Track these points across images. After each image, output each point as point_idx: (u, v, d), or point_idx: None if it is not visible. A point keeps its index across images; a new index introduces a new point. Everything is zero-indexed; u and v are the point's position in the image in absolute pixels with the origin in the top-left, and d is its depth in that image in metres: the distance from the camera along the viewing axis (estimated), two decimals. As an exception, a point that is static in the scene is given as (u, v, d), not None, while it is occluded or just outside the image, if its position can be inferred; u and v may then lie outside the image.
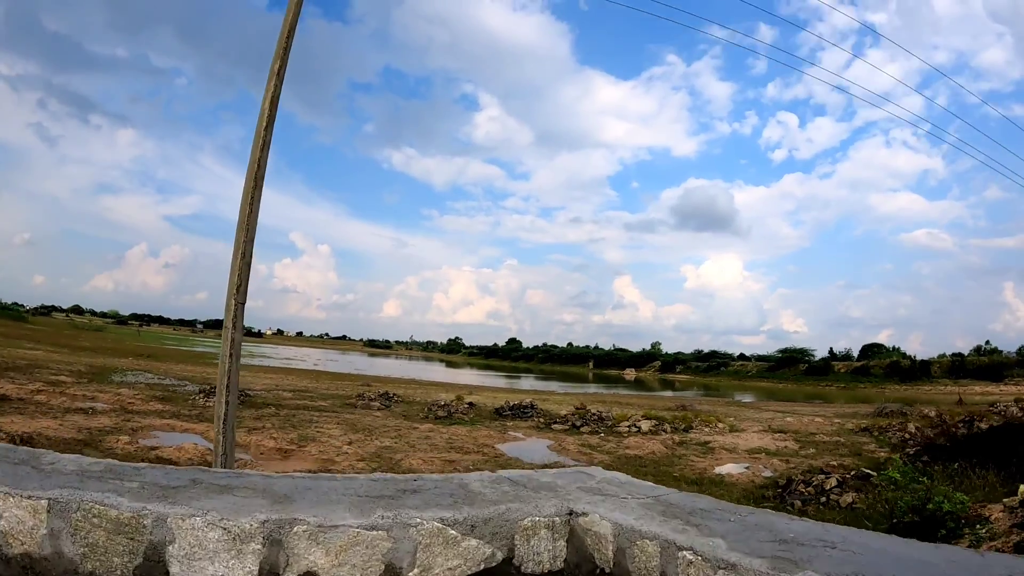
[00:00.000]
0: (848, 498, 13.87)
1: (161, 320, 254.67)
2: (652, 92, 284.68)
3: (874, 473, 15.51)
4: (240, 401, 26.94)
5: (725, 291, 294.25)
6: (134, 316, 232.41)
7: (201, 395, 27.76)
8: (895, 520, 10.89)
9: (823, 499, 14.25)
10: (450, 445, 20.98)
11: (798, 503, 14.12)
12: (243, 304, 5.18)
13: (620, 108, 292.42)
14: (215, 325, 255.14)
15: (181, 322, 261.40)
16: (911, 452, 18.50)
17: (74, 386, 25.54)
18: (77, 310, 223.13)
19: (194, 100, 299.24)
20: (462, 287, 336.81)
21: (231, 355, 5.06)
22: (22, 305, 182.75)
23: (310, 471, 15.62)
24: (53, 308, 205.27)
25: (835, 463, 17.67)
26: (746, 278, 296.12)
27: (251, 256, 5.45)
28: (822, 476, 15.35)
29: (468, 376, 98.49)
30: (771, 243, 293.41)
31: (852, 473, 15.45)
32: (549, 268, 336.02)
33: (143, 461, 8.30)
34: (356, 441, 20.00)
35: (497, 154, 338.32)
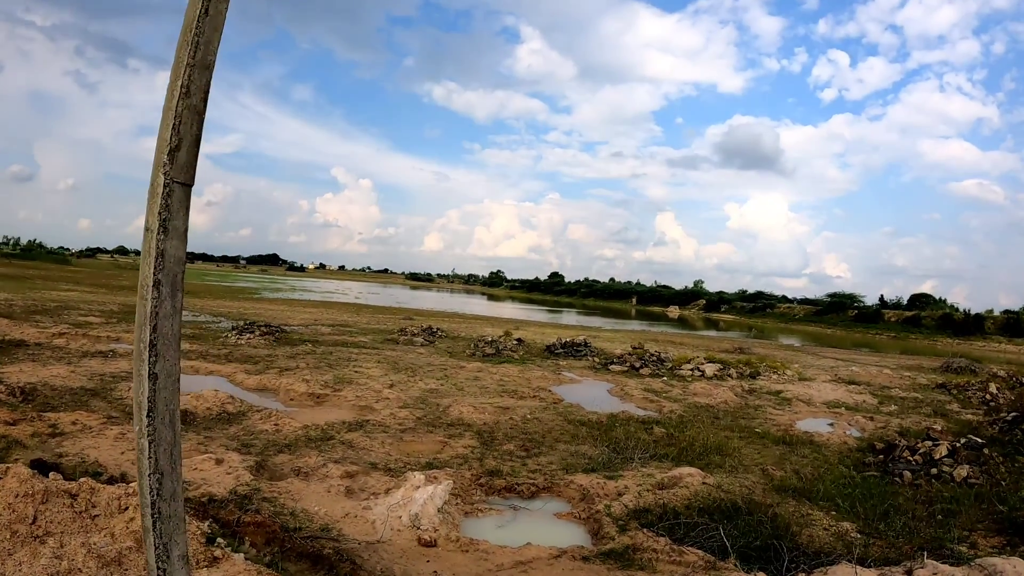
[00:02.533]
0: (963, 472, 12.10)
1: (205, 257, 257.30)
2: (698, 26, 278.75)
3: (983, 442, 13.67)
4: (275, 338, 25.68)
5: (768, 232, 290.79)
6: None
7: (234, 332, 26.59)
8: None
9: (933, 470, 12.41)
10: (502, 388, 19.20)
11: (907, 474, 12.24)
12: (187, 185, 2.90)
13: (665, 42, 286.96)
14: (258, 261, 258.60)
15: (224, 258, 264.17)
16: (1008, 418, 16.69)
17: (100, 327, 24.21)
18: (122, 251, 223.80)
19: (232, 39, 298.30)
20: (504, 221, 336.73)
21: (157, 284, 2.83)
22: (67, 249, 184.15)
23: (344, 421, 13.94)
24: (98, 250, 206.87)
25: (938, 427, 15.64)
26: (790, 219, 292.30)
27: (204, 97, 2.95)
28: (929, 443, 13.51)
29: (511, 310, 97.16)
30: (817, 185, 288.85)
31: (963, 442, 13.43)
32: (591, 203, 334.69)
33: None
34: (397, 384, 18.26)
35: (539, 88, 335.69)
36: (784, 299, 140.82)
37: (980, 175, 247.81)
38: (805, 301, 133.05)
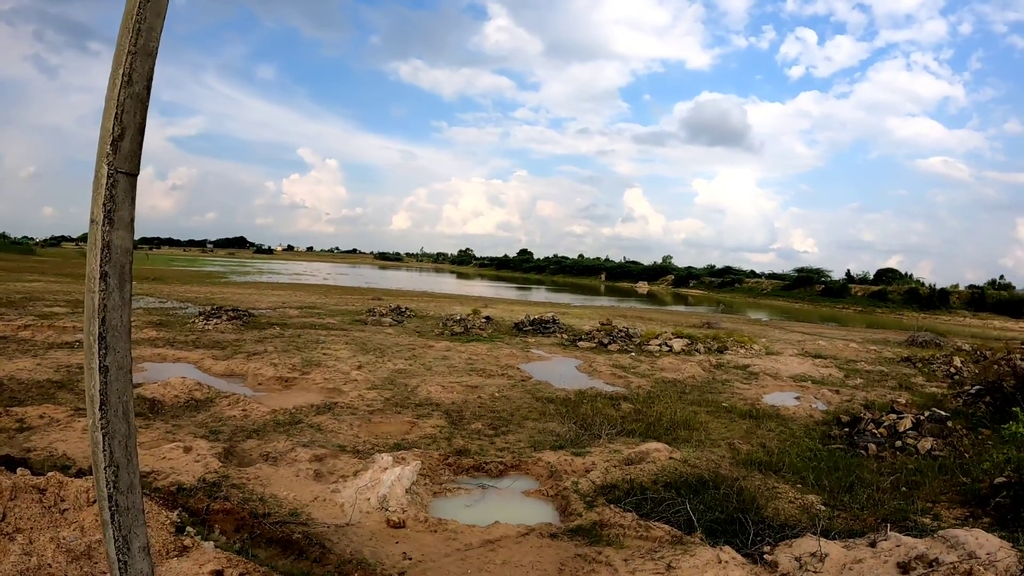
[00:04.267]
0: (927, 444, 12.46)
1: (171, 242, 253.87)
2: (666, 3, 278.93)
3: (947, 415, 14.00)
4: (243, 322, 25.53)
5: (736, 207, 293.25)
6: (143, 240, 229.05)
7: (201, 317, 26.31)
8: (1016, 486, 9.14)
9: (897, 443, 12.74)
10: (471, 367, 19.25)
11: (872, 447, 12.53)
12: (131, 175, 2.86)
13: (633, 19, 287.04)
14: (226, 244, 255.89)
15: (191, 243, 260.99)
16: (972, 391, 17.05)
17: (66, 317, 23.80)
18: (87, 239, 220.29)
19: (194, 19, 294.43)
20: (472, 198, 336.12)
21: (104, 275, 2.82)
22: (31, 238, 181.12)
23: (313, 404, 13.92)
24: (63, 238, 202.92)
25: (903, 400, 15.89)
26: (758, 195, 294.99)
27: (148, 85, 2.89)
28: (894, 416, 13.82)
29: (480, 288, 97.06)
30: (784, 161, 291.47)
31: (927, 415, 13.68)
32: (559, 180, 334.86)
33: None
34: (366, 365, 18.27)
35: (507, 65, 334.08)
36: (752, 274, 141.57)
37: (946, 152, 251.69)
38: (773, 276, 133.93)
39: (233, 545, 6.52)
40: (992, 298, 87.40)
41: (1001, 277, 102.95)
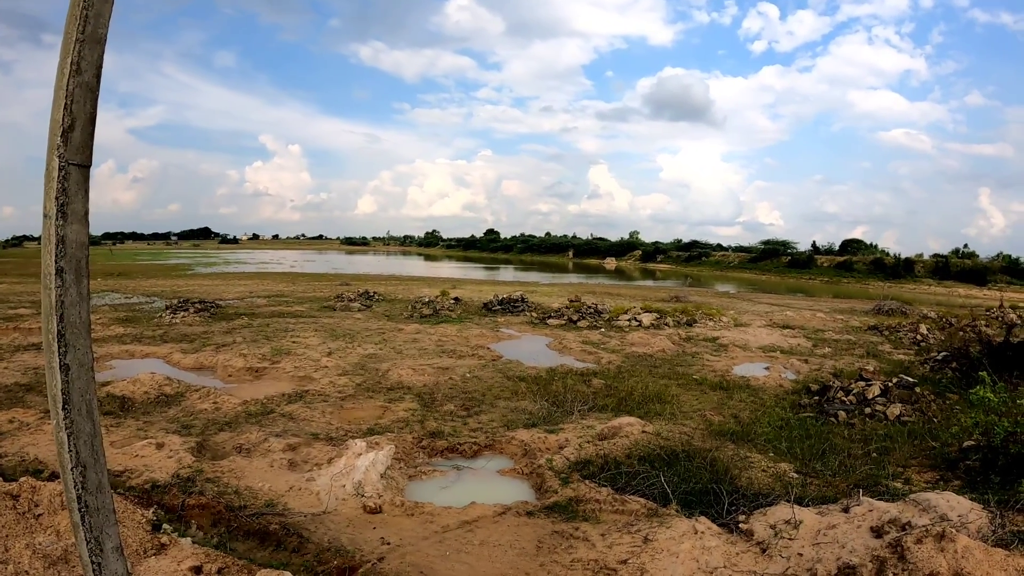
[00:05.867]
0: (895, 410, 12.70)
1: (135, 236, 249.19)
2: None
3: (915, 381, 14.39)
4: (210, 314, 25.32)
5: (701, 182, 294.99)
6: (106, 236, 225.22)
7: (168, 311, 26.01)
8: (985, 449, 9.32)
9: (867, 410, 12.96)
10: (441, 349, 19.26)
11: (842, 414, 12.73)
12: (84, 167, 2.80)
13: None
14: (190, 236, 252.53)
15: (155, 236, 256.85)
16: (938, 358, 17.42)
17: (31, 318, 23.36)
18: None
19: (151, 7, 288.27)
20: (437, 180, 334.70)
21: (60, 271, 2.75)
22: None
23: (284, 393, 13.85)
24: (25, 238, 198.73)
25: (871, 368, 16.15)
26: (723, 169, 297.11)
27: (97, 73, 2.83)
28: (862, 383, 14.04)
29: (448, 269, 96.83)
30: (748, 135, 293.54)
31: (895, 381, 13.94)
32: (524, 158, 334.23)
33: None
34: (336, 351, 18.22)
35: (468, 44, 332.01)
36: (719, 247, 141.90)
37: (908, 125, 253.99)
38: (740, 249, 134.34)
39: (211, 540, 6.50)
40: (956, 267, 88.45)
41: (965, 246, 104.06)
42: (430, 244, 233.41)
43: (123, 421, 11.41)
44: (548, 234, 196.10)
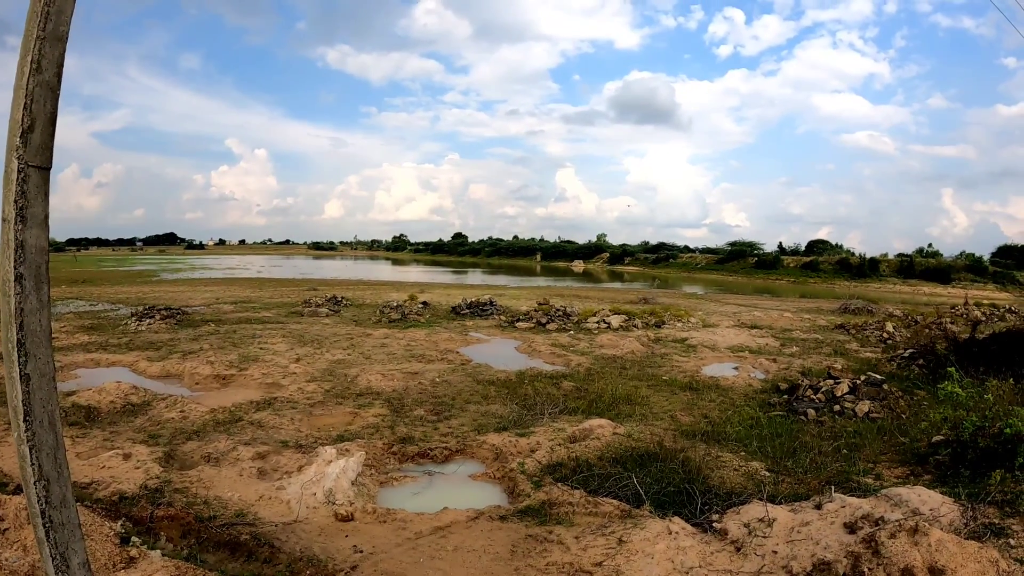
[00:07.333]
0: (864, 407, 12.86)
1: (100, 242, 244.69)
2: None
3: (883, 378, 14.52)
4: (177, 321, 25.01)
5: (668, 184, 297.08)
6: (71, 241, 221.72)
7: (134, 318, 25.63)
8: (954, 443, 9.41)
9: (836, 407, 13.09)
10: (409, 353, 19.17)
11: (812, 412, 12.85)
12: (44, 169, 2.72)
13: (561, 0, 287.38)
14: (156, 241, 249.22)
15: (120, 241, 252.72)
16: (905, 355, 17.66)
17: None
18: None
19: (114, 8, 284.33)
20: (404, 184, 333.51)
21: (19, 277, 2.68)
22: None
23: (252, 401, 13.70)
24: None
25: (839, 366, 16.33)
26: (689, 172, 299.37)
27: (58, 72, 2.76)
28: (831, 381, 14.22)
29: (416, 273, 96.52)
30: (714, 138, 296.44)
31: (863, 379, 14.10)
32: (491, 162, 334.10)
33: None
34: (304, 357, 18.06)
35: (435, 48, 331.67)
36: (686, 249, 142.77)
37: (871, 127, 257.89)
38: (707, 250, 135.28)
39: (181, 552, 6.39)
40: (921, 266, 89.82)
41: (929, 245, 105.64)
42: (398, 248, 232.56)
43: (89, 431, 11.20)
44: (516, 237, 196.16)
